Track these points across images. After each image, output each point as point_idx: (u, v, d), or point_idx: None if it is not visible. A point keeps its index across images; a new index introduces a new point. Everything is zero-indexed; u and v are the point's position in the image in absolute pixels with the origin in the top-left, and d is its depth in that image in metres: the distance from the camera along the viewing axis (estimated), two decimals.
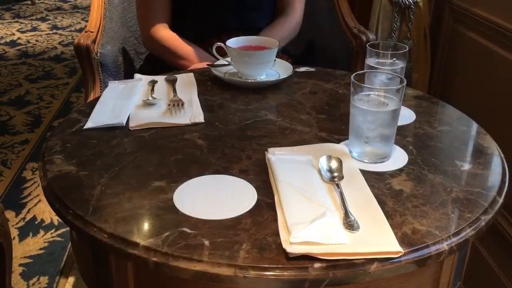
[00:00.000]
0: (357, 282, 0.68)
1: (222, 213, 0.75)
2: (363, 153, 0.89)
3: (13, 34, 4.11)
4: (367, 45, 1.06)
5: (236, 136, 0.97)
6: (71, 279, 1.61)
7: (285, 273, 0.65)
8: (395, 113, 0.86)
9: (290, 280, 0.65)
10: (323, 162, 0.85)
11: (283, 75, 1.21)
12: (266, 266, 0.66)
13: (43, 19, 4.53)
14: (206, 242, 0.69)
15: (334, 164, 0.85)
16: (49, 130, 2.54)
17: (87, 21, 1.64)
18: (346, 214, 0.73)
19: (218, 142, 0.95)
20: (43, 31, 4.20)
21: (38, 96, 2.96)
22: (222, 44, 1.23)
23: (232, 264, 0.66)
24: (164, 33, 1.42)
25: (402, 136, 0.98)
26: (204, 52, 1.40)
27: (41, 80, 3.18)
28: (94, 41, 1.45)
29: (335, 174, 0.83)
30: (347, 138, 0.93)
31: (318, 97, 1.15)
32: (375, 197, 0.78)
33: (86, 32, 1.48)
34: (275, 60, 1.23)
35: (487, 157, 0.93)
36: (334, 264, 0.66)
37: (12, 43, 3.87)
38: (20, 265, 1.66)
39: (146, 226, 0.73)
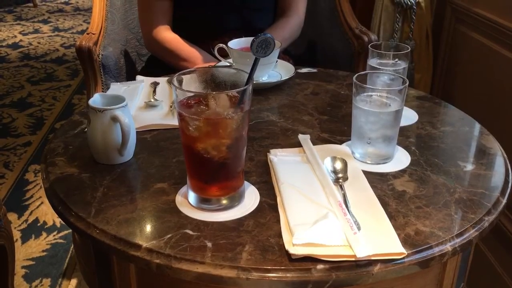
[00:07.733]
0: (360, 284, 0.68)
1: (224, 214, 0.75)
2: (365, 154, 0.89)
3: (15, 36, 4.11)
4: (369, 46, 1.06)
5: None
6: (73, 281, 1.61)
7: (288, 275, 0.65)
8: (398, 114, 0.86)
9: (293, 281, 0.65)
10: (327, 163, 0.85)
11: (285, 76, 1.21)
12: (269, 267, 0.65)
13: (45, 21, 4.54)
14: (209, 244, 0.69)
15: (338, 165, 0.84)
16: (51, 132, 2.54)
17: (88, 23, 1.64)
18: (349, 215, 0.73)
19: None
20: (45, 33, 4.21)
21: (40, 98, 2.96)
22: (224, 46, 1.23)
23: (234, 265, 0.66)
24: (166, 34, 1.42)
25: (405, 136, 0.97)
26: (206, 53, 1.40)
27: (43, 82, 3.19)
28: (96, 43, 1.45)
29: (340, 175, 0.82)
30: (350, 139, 0.92)
31: (320, 98, 1.15)
32: (378, 198, 0.78)
33: (88, 34, 1.48)
34: (276, 61, 1.23)
35: (490, 158, 0.92)
36: (337, 265, 0.66)
37: (14, 46, 3.88)
38: (23, 267, 1.66)
39: (148, 228, 0.73)
